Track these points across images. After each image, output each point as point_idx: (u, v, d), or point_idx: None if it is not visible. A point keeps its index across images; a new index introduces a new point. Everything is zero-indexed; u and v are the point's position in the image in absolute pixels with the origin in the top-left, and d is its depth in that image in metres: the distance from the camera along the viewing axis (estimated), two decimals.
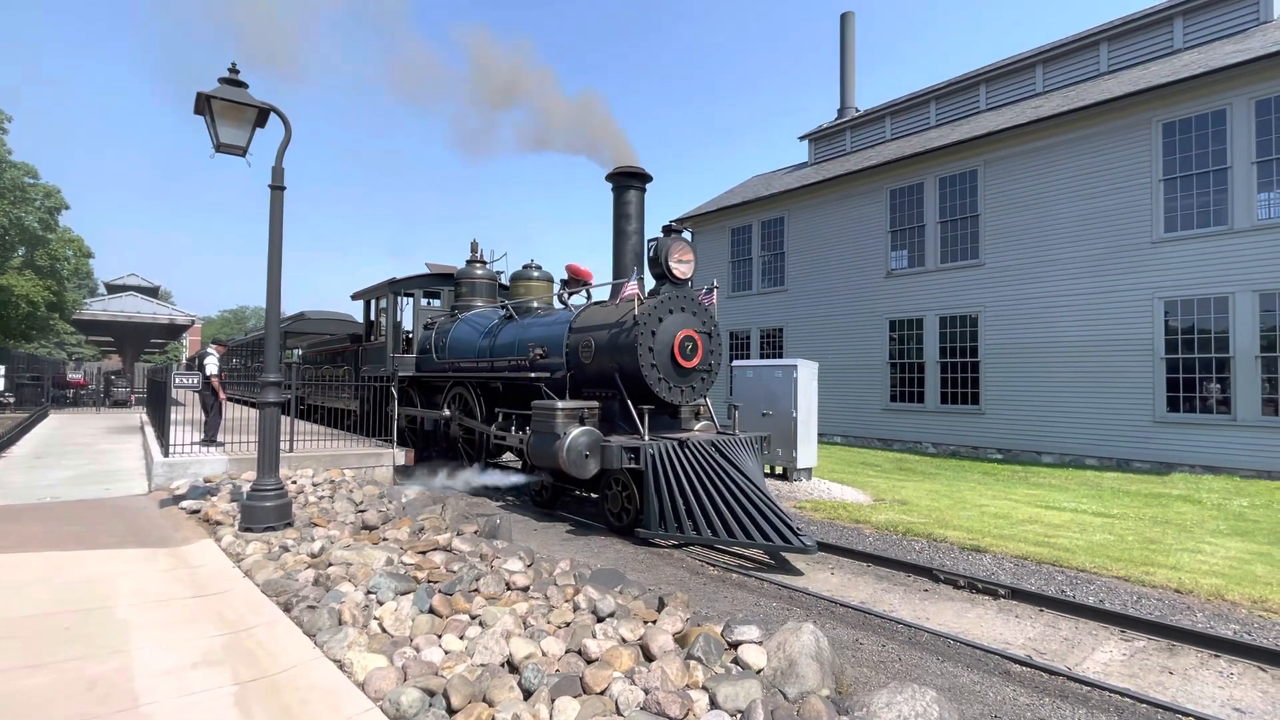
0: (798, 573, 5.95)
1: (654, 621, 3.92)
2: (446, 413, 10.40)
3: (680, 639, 3.63)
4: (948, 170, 15.13)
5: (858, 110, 21.19)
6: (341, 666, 3.30)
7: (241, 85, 5.82)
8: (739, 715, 2.84)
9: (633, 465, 6.81)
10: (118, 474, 8.99)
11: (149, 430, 11.74)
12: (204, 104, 5.66)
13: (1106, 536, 7.18)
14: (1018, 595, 5.20)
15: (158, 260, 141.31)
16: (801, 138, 21.37)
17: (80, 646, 3.42)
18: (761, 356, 18.98)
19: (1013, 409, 13.82)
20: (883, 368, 16.17)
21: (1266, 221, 11.03)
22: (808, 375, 10.38)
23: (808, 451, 10.24)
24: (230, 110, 5.74)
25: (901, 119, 18.62)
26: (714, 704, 2.92)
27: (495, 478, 9.24)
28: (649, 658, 3.38)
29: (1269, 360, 10.86)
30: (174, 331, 31.99)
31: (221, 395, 9.82)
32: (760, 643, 3.52)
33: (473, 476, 9.48)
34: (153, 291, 37.16)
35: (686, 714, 2.81)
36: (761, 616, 4.68)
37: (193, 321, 30.09)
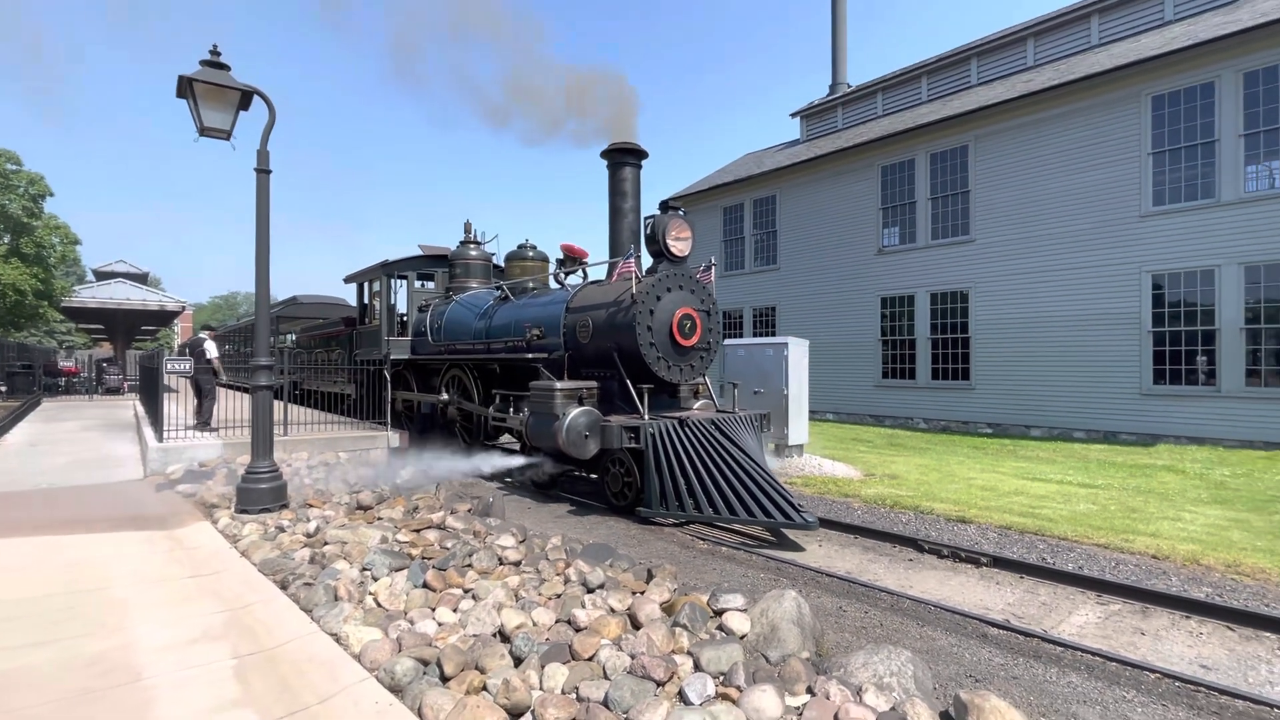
0: (798, 548, 5.98)
1: (642, 592, 4.03)
2: (444, 397, 10.43)
3: (667, 608, 3.74)
4: (939, 146, 15.10)
5: (849, 86, 21.05)
6: (338, 639, 3.40)
7: (224, 68, 5.78)
8: (721, 677, 2.95)
9: (633, 445, 6.79)
10: (113, 460, 9.04)
11: (143, 416, 11.77)
12: (186, 87, 5.63)
13: (1090, 506, 7.33)
14: (999, 563, 5.33)
15: (146, 246, 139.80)
16: (793, 114, 21.24)
17: (80, 625, 3.50)
18: (755, 335, 19.04)
19: (1002, 384, 13.95)
20: (874, 345, 16.27)
21: (1253, 194, 11.08)
22: (799, 353, 10.45)
23: (799, 428, 10.35)
24: (213, 93, 5.71)
25: (893, 94, 18.52)
26: (698, 667, 3.03)
27: (492, 459, 9.30)
28: (636, 626, 3.49)
29: (1253, 332, 10.99)
30: (164, 318, 31.83)
31: (223, 377, 10.09)
32: (744, 610, 3.63)
33: (469, 458, 9.55)
34: (141, 278, 36.88)
35: (671, 677, 2.92)
36: (749, 586, 4.79)
37: (183, 308, 29.90)
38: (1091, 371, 12.67)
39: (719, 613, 3.66)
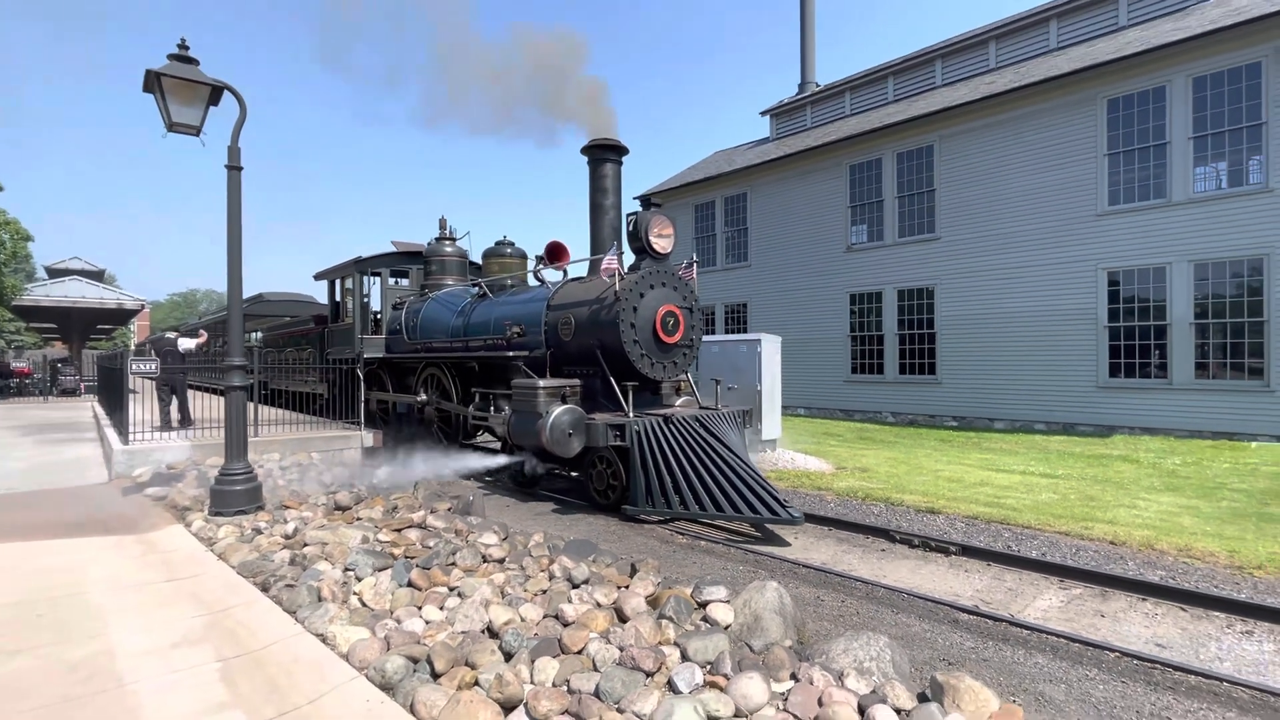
0: (783, 543, 6.05)
1: (627, 586, 4.10)
2: (421, 396, 10.29)
3: (652, 601, 3.81)
4: (905, 145, 15.43)
5: (818, 85, 21.33)
6: (324, 640, 3.40)
7: (192, 62, 5.66)
8: (708, 666, 3.03)
9: (618, 443, 6.77)
10: (76, 463, 8.77)
11: (103, 418, 11.44)
12: (154, 82, 5.50)
13: (1051, 496, 7.62)
14: (968, 552, 5.53)
15: (102, 243, 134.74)
16: (763, 113, 21.44)
17: (57, 632, 3.43)
18: (727, 332, 19.24)
19: (967, 378, 14.36)
20: (844, 340, 16.59)
21: (1202, 194, 11.59)
22: (771, 349, 10.62)
23: (772, 423, 10.52)
24: (181, 88, 5.59)
25: (860, 94, 18.84)
26: (685, 657, 3.11)
27: (472, 459, 9.22)
28: (623, 619, 3.55)
29: (1202, 327, 11.51)
30: (122, 317, 30.77)
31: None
32: (728, 601, 3.73)
33: (448, 458, 9.46)
34: (98, 275, 35.51)
35: (659, 667, 3.00)
36: (729, 579, 4.90)
37: (142, 306, 28.91)
38: (1051, 366, 13.12)
39: (703, 604, 3.75)
